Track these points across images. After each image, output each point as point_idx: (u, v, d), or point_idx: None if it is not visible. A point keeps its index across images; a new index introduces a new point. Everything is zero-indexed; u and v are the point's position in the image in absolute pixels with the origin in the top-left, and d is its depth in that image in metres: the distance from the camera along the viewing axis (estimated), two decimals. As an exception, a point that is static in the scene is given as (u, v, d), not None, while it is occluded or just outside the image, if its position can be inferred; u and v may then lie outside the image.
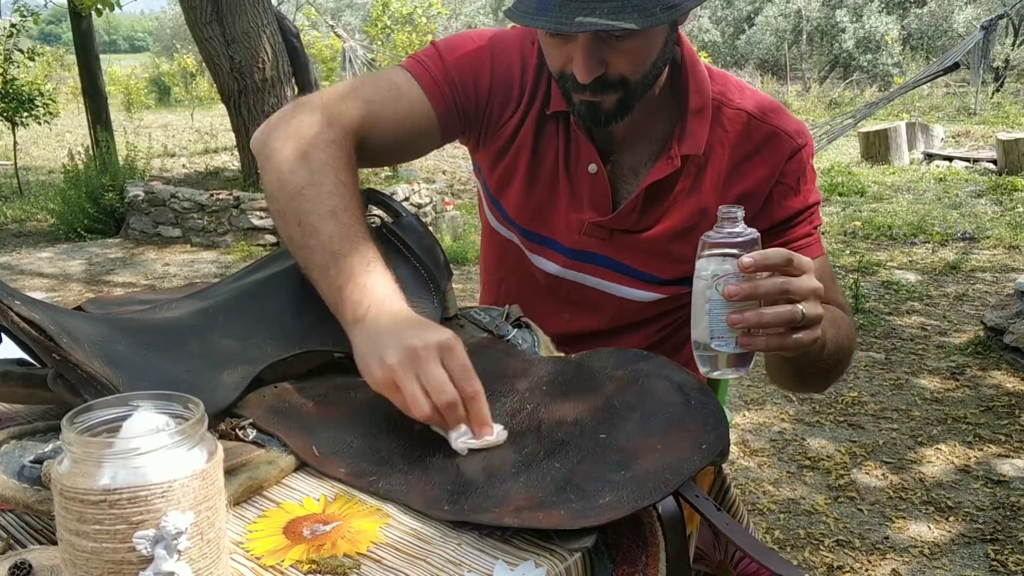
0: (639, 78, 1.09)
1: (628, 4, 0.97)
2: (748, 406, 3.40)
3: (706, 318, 0.88)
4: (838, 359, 1.12)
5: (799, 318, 0.88)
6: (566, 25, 0.98)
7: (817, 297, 0.90)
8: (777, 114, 1.21)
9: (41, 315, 0.77)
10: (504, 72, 1.21)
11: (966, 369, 3.73)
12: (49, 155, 11.68)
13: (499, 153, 1.25)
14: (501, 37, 1.23)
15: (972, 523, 2.53)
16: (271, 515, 0.77)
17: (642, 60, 1.07)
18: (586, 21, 0.97)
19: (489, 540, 0.73)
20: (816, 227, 1.24)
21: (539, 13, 1.00)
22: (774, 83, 17.89)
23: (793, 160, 1.20)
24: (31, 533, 0.74)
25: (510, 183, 1.26)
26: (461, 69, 1.20)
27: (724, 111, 1.19)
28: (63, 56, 21.75)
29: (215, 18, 6.60)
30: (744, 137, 1.19)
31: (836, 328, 1.10)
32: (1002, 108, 13.60)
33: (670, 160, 1.17)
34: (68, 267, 5.98)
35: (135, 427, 0.59)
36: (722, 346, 0.88)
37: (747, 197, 1.19)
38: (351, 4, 25.54)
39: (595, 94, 1.08)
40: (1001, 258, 5.59)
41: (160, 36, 29.39)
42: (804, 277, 0.88)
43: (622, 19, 0.96)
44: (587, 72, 1.05)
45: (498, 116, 1.23)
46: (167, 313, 1.01)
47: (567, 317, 1.28)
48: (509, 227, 1.29)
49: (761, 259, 0.85)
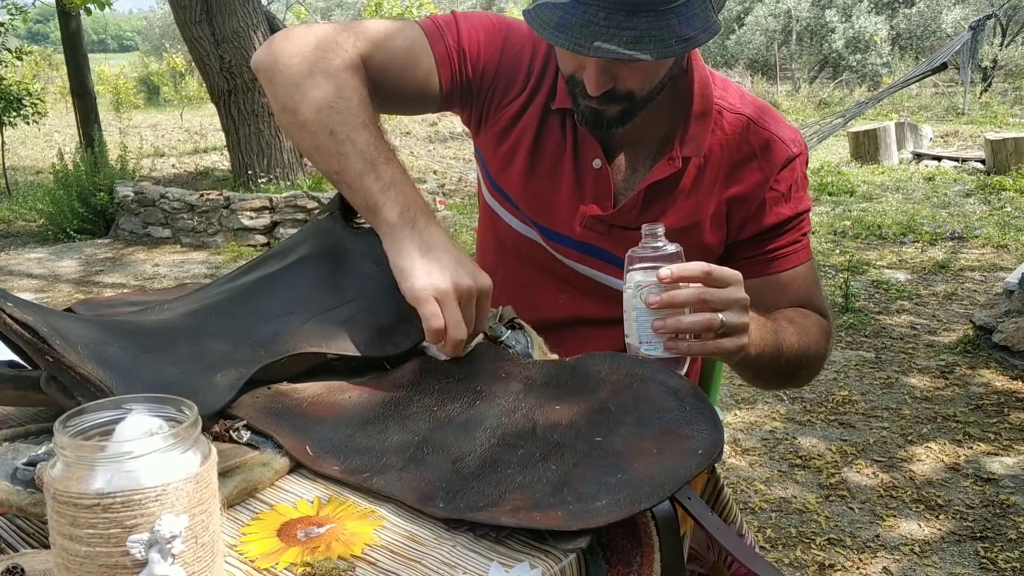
0: (645, 94, 1.12)
1: (646, 35, 0.99)
2: (739, 405, 3.41)
3: (634, 324, 0.97)
4: (801, 363, 1.18)
5: (717, 326, 0.95)
6: (584, 48, 1.00)
7: (742, 308, 0.97)
8: (775, 121, 1.23)
9: (34, 317, 0.76)
10: (514, 56, 1.23)
11: (955, 368, 3.75)
12: (37, 155, 11.62)
13: (500, 135, 1.27)
14: (517, 24, 1.25)
15: (962, 521, 2.55)
16: (265, 517, 0.77)
17: (651, 80, 1.11)
18: (603, 47, 0.99)
19: (484, 542, 0.73)
20: (805, 233, 1.27)
21: (560, 30, 1.01)
22: (764, 83, 17.94)
23: (787, 168, 1.22)
24: (24, 537, 0.74)
25: (510, 165, 1.28)
26: (472, 42, 1.22)
27: (725, 115, 1.22)
28: (51, 55, 21.65)
29: (205, 18, 6.58)
30: (742, 141, 1.21)
31: (801, 335, 1.16)
32: (990, 108, 13.67)
33: (672, 161, 1.20)
34: (57, 268, 5.95)
35: (128, 430, 0.59)
36: (650, 350, 0.97)
37: (740, 200, 1.21)
38: (341, 3, 25.49)
39: (601, 104, 1.11)
40: (990, 257, 5.62)
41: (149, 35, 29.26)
42: (727, 289, 0.95)
43: (639, 49, 0.99)
44: (597, 86, 1.08)
45: (501, 96, 1.25)
46: (160, 315, 1.00)
47: (564, 299, 1.30)
48: (512, 209, 1.31)
49: (678, 271, 0.93)
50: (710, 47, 20.63)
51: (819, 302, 1.26)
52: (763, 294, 1.21)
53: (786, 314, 1.19)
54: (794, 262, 1.25)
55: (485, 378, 0.99)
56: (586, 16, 0.99)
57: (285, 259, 1.11)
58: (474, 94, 1.25)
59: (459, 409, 0.93)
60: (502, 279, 1.35)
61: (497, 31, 1.23)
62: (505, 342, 1.11)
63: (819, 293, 1.27)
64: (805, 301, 1.25)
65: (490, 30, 1.23)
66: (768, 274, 1.25)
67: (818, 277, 1.28)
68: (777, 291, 1.24)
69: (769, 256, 1.25)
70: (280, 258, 1.12)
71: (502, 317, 1.16)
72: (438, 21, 1.22)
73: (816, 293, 1.26)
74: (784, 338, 1.12)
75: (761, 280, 1.24)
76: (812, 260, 1.28)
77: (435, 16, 1.24)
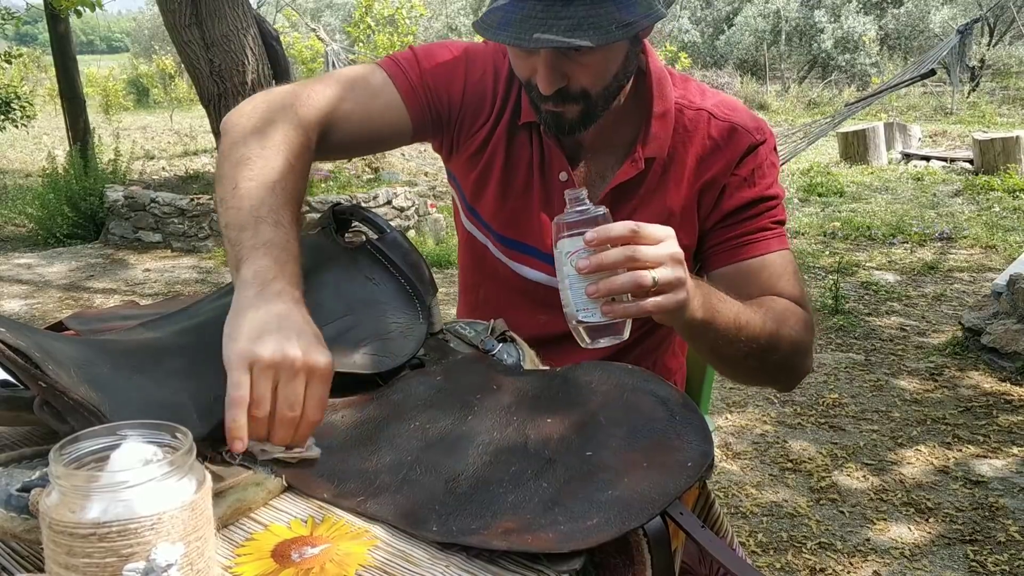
0: (600, 90, 1.13)
1: (584, 22, 1.01)
2: (730, 408, 3.43)
3: (569, 293, 0.95)
4: (772, 346, 1.12)
5: (650, 283, 0.91)
6: (525, 41, 1.02)
7: (675, 262, 0.93)
8: (736, 112, 1.25)
9: (27, 342, 0.76)
10: (477, 81, 1.25)
11: (944, 370, 3.77)
12: (26, 158, 11.56)
13: (471, 160, 1.29)
14: (475, 49, 1.27)
15: (951, 524, 2.57)
16: (259, 538, 0.77)
17: (602, 74, 1.12)
18: (543, 38, 1.01)
19: (477, 561, 0.73)
20: (777, 221, 1.24)
21: (501, 28, 1.04)
22: (753, 83, 18.00)
23: (750, 154, 1.23)
24: (18, 560, 0.74)
25: (484, 188, 1.30)
26: (436, 75, 1.24)
27: (686, 112, 1.24)
28: (39, 57, 21.54)
29: (194, 21, 6.56)
30: (705, 135, 1.23)
31: (768, 317, 1.12)
32: (978, 108, 13.76)
33: (634, 162, 1.22)
34: (47, 273, 5.92)
35: (123, 458, 0.59)
36: (588, 317, 0.94)
37: (706, 190, 1.23)
38: (331, 5, 25.44)
39: (557, 105, 1.13)
40: (978, 258, 5.65)
41: (138, 37, 29.16)
42: (658, 245, 0.92)
43: (577, 36, 1.01)
44: (548, 84, 1.09)
45: (470, 124, 1.27)
46: (151, 332, 1.01)
47: (543, 319, 1.29)
48: (486, 233, 1.33)
49: (603, 232, 0.91)
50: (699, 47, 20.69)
51: (795, 292, 1.22)
52: (734, 283, 1.19)
53: (753, 299, 1.16)
54: (763, 249, 1.22)
55: (477, 391, 1.00)
56: (524, 11, 1.02)
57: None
58: (444, 124, 1.27)
59: (451, 425, 0.94)
60: (484, 299, 1.38)
61: (458, 61, 1.26)
62: (496, 355, 1.12)
63: (796, 284, 1.22)
64: (780, 291, 1.21)
65: (451, 61, 1.25)
66: (737, 260, 1.22)
67: (797, 270, 1.25)
68: (749, 279, 1.21)
69: (736, 242, 1.23)
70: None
71: (494, 330, 1.17)
72: (399, 60, 1.25)
73: (792, 284, 1.22)
74: (744, 314, 1.08)
75: (731, 268, 1.22)
76: (788, 252, 1.25)
77: (395, 54, 1.27)
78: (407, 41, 11.87)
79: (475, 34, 1.13)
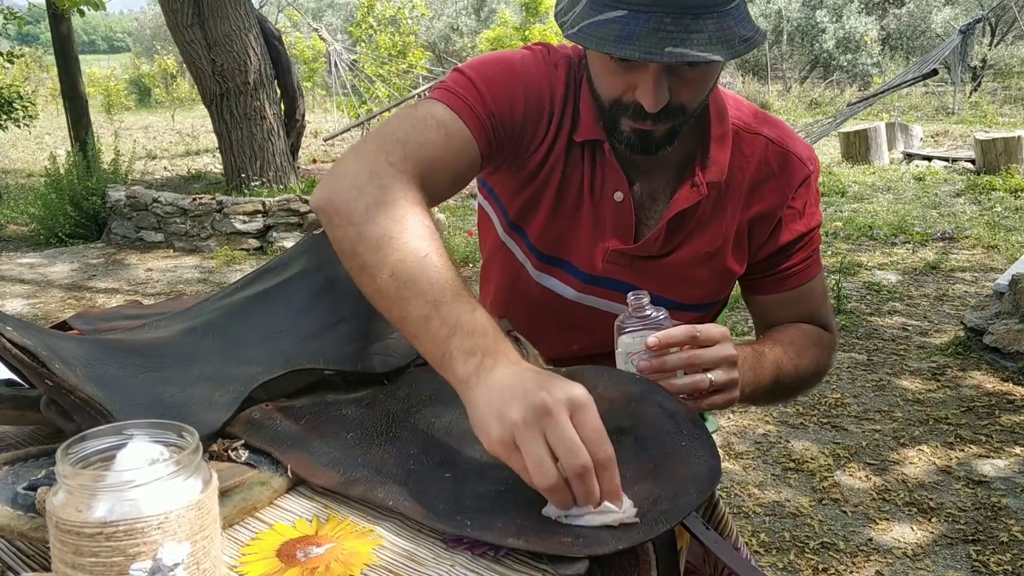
0: (695, 107, 1.10)
1: (714, 37, 0.97)
2: (732, 409, 3.43)
3: None
4: (799, 385, 1.21)
5: (707, 386, 0.97)
6: (656, 55, 0.97)
7: (730, 364, 0.99)
8: (791, 139, 1.24)
9: (33, 340, 0.76)
10: (535, 99, 1.19)
11: (947, 370, 3.77)
12: (28, 158, 11.58)
13: (527, 180, 1.23)
14: (526, 63, 1.20)
15: (954, 524, 2.57)
16: (264, 537, 0.77)
17: (702, 90, 1.09)
18: (677, 52, 0.96)
19: (482, 561, 0.73)
20: (816, 248, 1.28)
21: (624, 42, 0.98)
22: (755, 83, 17.99)
23: (803, 186, 1.23)
24: (24, 559, 0.74)
25: (535, 208, 1.24)
26: (497, 99, 1.16)
27: (743, 135, 1.21)
28: (41, 57, 21.56)
29: (196, 21, 6.57)
30: (762, 162, 1.21)
31: (800, 356, 1.18)
32: (979, 107, 13.74)
33: (695, 188, 1.18)
34: (49, 273, 5.93)
35: (130, 458, 0.59)
36: None
37: (760, 220, 1.22)
38: (332, 4, 25.46)
39: (655, 122, 1.08)
40: (980, 258, 5.65)
41: (140, 37, 29.19)
42: (714, 348, 0.98)
43: (710, 51, 0.97)
44: (657, 102, 1.04)
45: (528, 143, 1.21)
46: (157, 332, 1.01)
47: (576, 347, 1.27)
48: (528, 252, 1.28)
49: (665, 338, 0.96)
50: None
51: (826, 316, 1.29)
52: (774, 310, 1.26)
53: (787, 334, 1.21)
54: (807, 278, 1.27)
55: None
56: (651, 23, 0.97)
57: (281, 274, 1.12)
58: (506, 147, 1.20)
59: (458, 420, 0.94)
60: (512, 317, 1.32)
61: (515, 79, 1.18)
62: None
63: (827, 306, 1.30)
64: (813, 316, 1.28)
65: (508, 81, 1.18)
66: (783, 291, 1.27)
67: (826, 288, 1.31)
68: (788, 307, 1.28)
69: (784, 273, 1.26)
70: (276, 273, 1.12)
71: (498, 330, 1.16)
72: (453, 88, 1.16)
73: (824, 307, 1.29)
74: (782, 366, 1.15)
75: (773, 297, 1.26)
76: (822, 272, 1.30)
77: (448, 83, 1.17)
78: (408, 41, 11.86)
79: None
